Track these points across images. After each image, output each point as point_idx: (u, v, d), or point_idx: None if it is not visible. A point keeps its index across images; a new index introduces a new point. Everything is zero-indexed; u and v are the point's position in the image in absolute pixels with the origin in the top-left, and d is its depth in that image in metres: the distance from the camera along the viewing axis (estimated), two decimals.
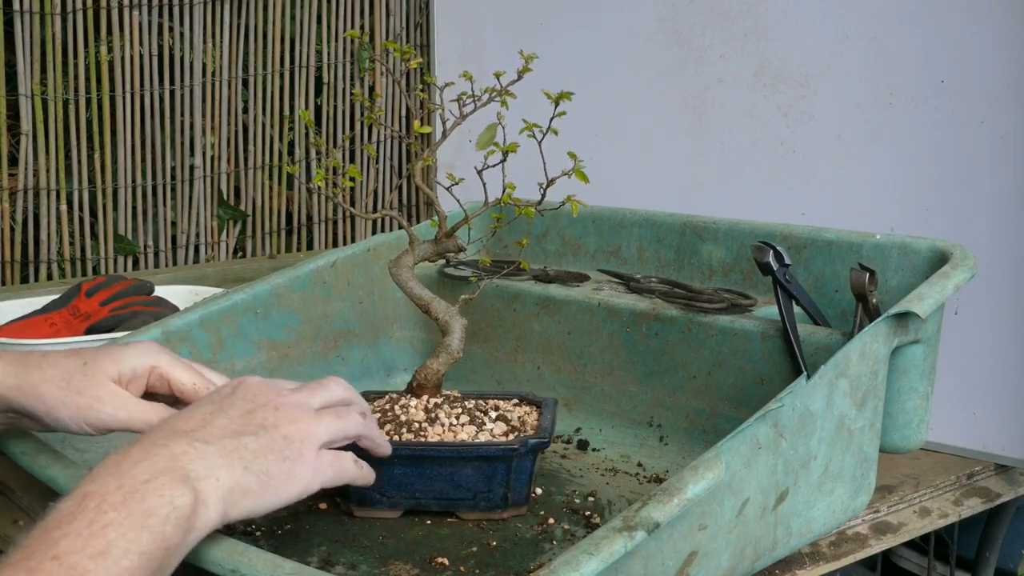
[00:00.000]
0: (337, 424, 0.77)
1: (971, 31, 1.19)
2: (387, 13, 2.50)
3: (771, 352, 0.99)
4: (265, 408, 0.75)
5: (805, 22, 1.35)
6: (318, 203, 2.49)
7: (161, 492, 0.65)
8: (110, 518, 0.62)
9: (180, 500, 0.65)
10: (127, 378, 0.84)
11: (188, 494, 0.66)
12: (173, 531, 0.64)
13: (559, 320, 1.17)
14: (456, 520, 0.88)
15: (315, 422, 0.76)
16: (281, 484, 0.72)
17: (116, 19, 2.19)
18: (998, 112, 1.17)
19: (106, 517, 0.62)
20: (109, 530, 0.61)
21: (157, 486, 0.65)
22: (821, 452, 0.85)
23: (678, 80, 1.47)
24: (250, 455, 0.71)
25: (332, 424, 0.77)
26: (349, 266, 1.24)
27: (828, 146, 1.33)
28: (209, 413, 0.73)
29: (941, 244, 1.00)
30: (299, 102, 2.42)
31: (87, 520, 0.62)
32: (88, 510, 0.62)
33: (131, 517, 0.63)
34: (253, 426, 0.73)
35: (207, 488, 0.68)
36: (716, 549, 0.77)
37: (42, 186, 2.15)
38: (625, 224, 1.24)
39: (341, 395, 0.80)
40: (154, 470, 0.66)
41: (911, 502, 1.10)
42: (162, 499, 0.65)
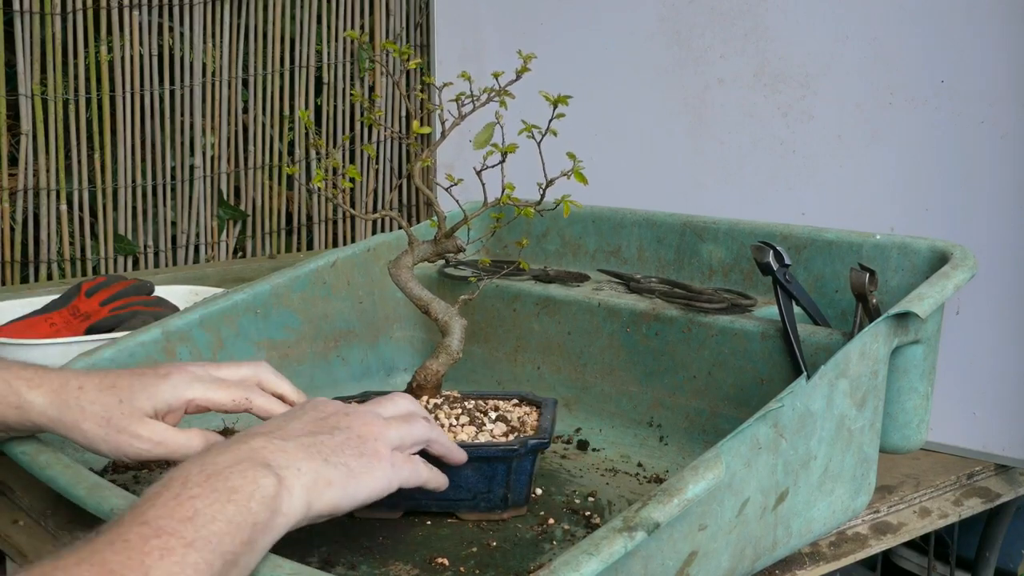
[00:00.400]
0: (406, 428, 0.79)
1: (971, 31, 1.19)
2: (387, 13, 2.50)
3: (771, 352, 0.99)
4: (336, 415, 0.77)
5: (805, 22, 1.35)
6: (318, 203, 2.49)
7: (244, 474, 0.66)
8: (195, 492, 0.64)
9: (264, 481, 0.67)
10: (163, 412, 0.86)
11: (272, 478, 0.67)
12: (259, 508, 0.65)
13: (559, 320, 1.17)
14: (456, 521, 0.88)
15: (385, 426, 0.78)
16: (362, 477, 0.73)
17: (116, 19, 2.19)
18: (998, 112, 1.17)
19: (191, 492, 0.64)
20: (196, 501, 0.63)
21: (241, 469, 0.67)
22: (821, 452, 0.85)
23: (678, 80, 1.47)
24: (328, 450, 0.73)
25: (401, 428, 0.79)
26: (349, 266, 1.24)
27: (828, 146, 1.33)
28: (283, 419, 0.76)
29: (941, 244, 1.00)
30: (299, 102, 2.42)
31: (173, 494, 0.64)
32: (173, 487, 0.64)
33: (216, 492, 0.64)
34: (327, 427, 0.75)
35: (290, 477, 0.69)
36: (716, 549, 0.77)
37: (42, 186, 2.15)
38: (625, 224, 1.24)
39: (407, 408, 0.83)
40: (237, 458, 0.68)
41: (911, 502, 1.10)
42: (245, 479, 0.66)
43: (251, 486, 0.66)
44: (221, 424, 1.11)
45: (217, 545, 0.62)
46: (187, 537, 0.61)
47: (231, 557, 0.62)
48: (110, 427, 0.85)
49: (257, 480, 0.66)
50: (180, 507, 0.62)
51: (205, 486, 0.64)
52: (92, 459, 1.03)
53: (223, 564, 0.62)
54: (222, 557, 0.62)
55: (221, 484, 0.65)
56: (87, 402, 0.86)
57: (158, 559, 0.59)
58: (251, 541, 0.64)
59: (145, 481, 0.98)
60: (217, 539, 0.62)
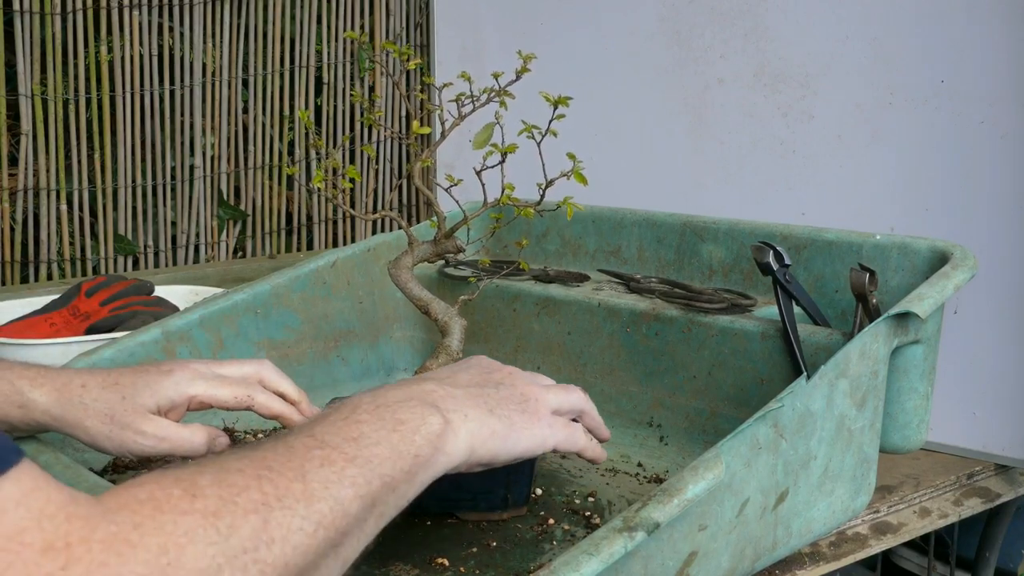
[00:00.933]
0: (563, 394, 0.81)
1: (971, 31, 1.19)
2: (387, 13, 2.50)
3: (771, 352, 0.99)
4: (500, 372, 0.80)
5: (805, 22, 1.35)
6: (318, 203, 2.49)
7: (413, 410, 0.69)
8: (363, 418, 0.66)
9: (431, 419, 0.69)
10: (166, 408, 0.87)
11: (439, 417, 0.69)
12: (423, 442, 0.67)
13: (559, 320, 1.17)
14: (456, 521, 0.88)
15: (544, 390, 0.80)
16: (522, 432, 0.75)
17: (116, 19, 2.19)
18: (998, 112, 1.17)
19: (359, 416, 0.66)
20: (363, 425, 0.65)
21: (410, 406, 0.69)
22: (821, 452, 0.85)
23: (678, 80, 1.47)
24: (493, 402, 0.75)
25: (559, 394, 0.81)
26: (349, 266, 1.24)
27: (828, 146, 1.33)
28: (452, 371, 0.79)
29: (941, 244, 1.00)
30: (299, 102, 2.42)
31: (341, 417, 0.66)
32: (343, 411, 0.67)
33: (383, 420, 0.66)
34: (493, 381, 0.78)
35: (456, 420, 0.71)
36: (716, 549, 0.77)
37: (42, 186, 2.15)
38: (625, 224, 1.24)
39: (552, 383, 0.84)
40: (407, 395, 0.70)
41: (911, 502, 1.10)
42: (413, 414, 0.68)
43: (418, 420, 0.68)
44: (221, 423, 1.11)
45: (377, 466, 0.63)
46: (349, 453, 0.62)
47: (389, 481, 0.64)
48: (113, 424, 0.85)
49: (425, 417, 0.68)
50: (347, 427, 0.65)
51: (373, 414, 0.67)
52: (93, 459, 1.03)
53: (381, 485, 0.63)
54: (381, 479, 0.63)
55: (389, 415, 0.67)
56: (90, 399, 0.86)
57: (317, 466, 0.60)
58: (411, 472, 0.66)
59: None
60: (378, 461, 0.64)
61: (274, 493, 0.57)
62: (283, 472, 0.59)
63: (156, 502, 0.52)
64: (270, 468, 0.58)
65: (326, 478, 0.60)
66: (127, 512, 0.51)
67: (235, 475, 0.57)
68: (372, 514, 0.63)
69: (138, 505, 0.52)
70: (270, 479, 0.58)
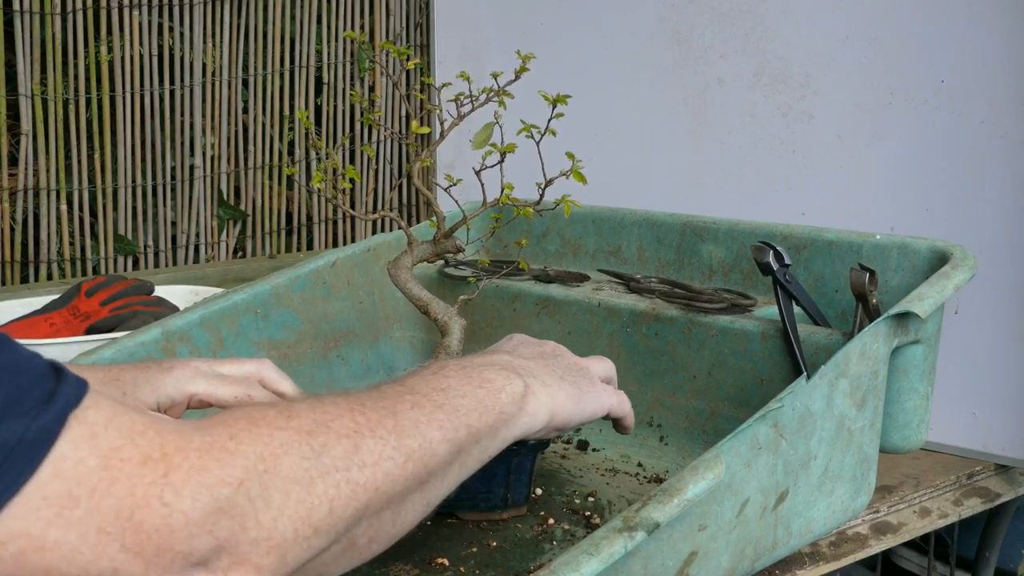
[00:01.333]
0: (601, 365, 0.84)
1: (971, 31, 1.19)
2: (387, 13, 2.50)
3: (771, 352, 0.99)
4: (547, 345, 0.83)
5: (805, 22, 1.35)
6: (318, 203, 2.49)
7: (497, 372, 0.72)
8: (452, 374, 0.69)
9: (515, 381, 0.72)
10: (166, 405, 0.87)
11: (521, 381, 0.73)
12: (508, 400, 0.70)
13: (559, 320, 1.17)
14: (456, 521, 0.88)
15: (587, 360, 0.83)
16: (588, 397, 0.79)
17: (116, 19, 2.19)
18: (998, 112, 1.17)
19: (447, 372, 0.70)
20: (451, 379, 0.69)
21: (494, 370, 0.72)
22: (821, 452, 0.85)
23: (678, 80, 1.47)
24: (560, 370, 0.78)
25: (598, 364, 0.84)
26: (349, 266, 1.24)
27: (828, 146, 1.33)
28: (509, 346, 0.82)
29: (941, 244, 1.00)
30: (299, 102, 2.42)
31: (431, 372, 0.69)
32: (432, 368, 0.70)
33: (469, 379, 0.70)
34: (549, 354, 0.81)
35: (536, 385, 0.74)
36: (716, 549, 0.77)
37: (42, 186, 2.15)
38: (625, 224, 1.24)
39: None
40: (489, 362, 0.74)
41: (911, 502, 1.10)
42: (498, 375, 0.72)
43: (503, 380, 0.71)
44: None
45: (464, 416, 0.66)
46: (438, 400, 0.65)
47: (474, 432, 0.67)
48: None
49: (509, 379, 0.72)
50: (435, 379, 0.68)
51: (460, 372, 0.70)
52: None
53: (467, 434, 0.66)
54: (467, 428, 0.66)
55: (476, 375, 0.70)
56: None
57: (408, 408, 0.63)
58: (495, 427, 0.69)
59: None
60: (465, 411, 0.66)
61: (366, 424, 0.59)
62: (375, 409, 0.61)
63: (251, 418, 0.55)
64: (363, 404, 0.61)
65: (416, 418, 0.63)
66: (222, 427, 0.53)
67: (329, 405, 0.59)
68: (457, 460, 0.65)
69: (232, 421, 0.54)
70: (363, 412, 0.60)
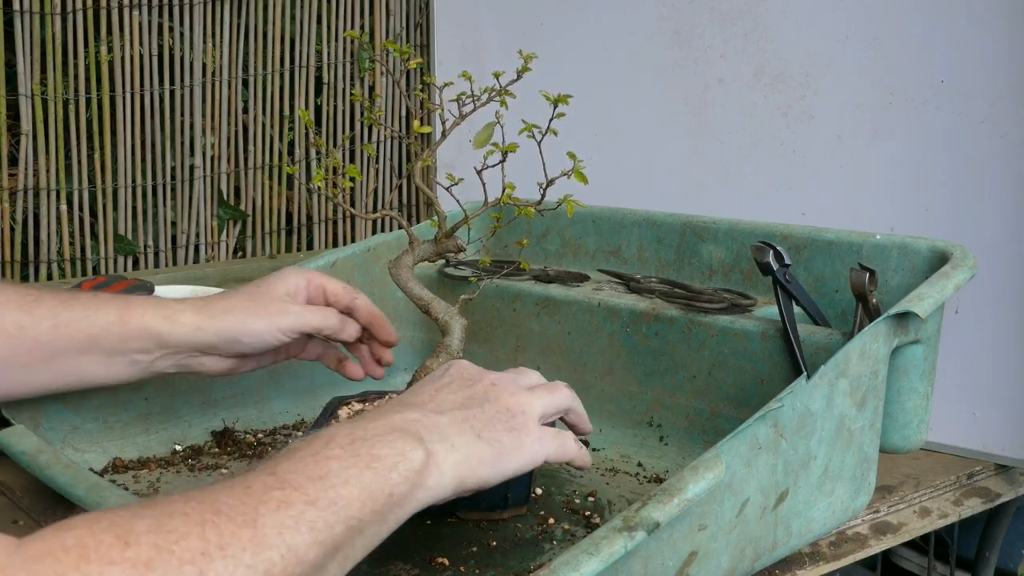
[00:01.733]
0: (549, 397, 0.79)
1: (971, 31, 1.19)
2: (387, 13, 2.50)
3: (771, 352, 0.99)
4: (483, 383, 0.77)
5: (805, 22, 1.35)
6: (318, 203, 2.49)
7: (392, 444, 0.65)
8: (336, 454, 0.62)
9: (412, 454, 0.66)
10: (292, 293, 0.99)
11: (421, 451, 0.66)
12: (399, 480, 0.64)
13: (559, 320, 1.17)
14: (456, 520, 0.88)
15: (531, 396, 0.77)
16: (512, 452, 0.73)
17: (116, 19, 2.19)
18: (998, 112, 1.17)
19: (331, 452, 0.62)
20: (332, 462, 0.62)
21: (390, 439, 0.66)
22: (821, 452, 0.85)
23: (678, 80, 1.47)
24: (480, 424, 0.72)
25: (545, 397, 0.78)
26: (349, 266, 1.24)
27: (828, 146, 1.33)
28: (434, 390, 0.76)
29: (941, 244, 1.00)
30: (299, 102, 2.42)
31: (311, 452, 0.62)
32: (314, 445, 0.63)
33: (357, 457, 0.63)
34: (477, 399, 0.75)
35: (441, 451, 0.68)
36: (716, 549, 0.77)
37: (42, 186, 2.15)
38: (625, 224, 1.24)
39: (539, 379, 0.83)
40: (388, 427, 0.67)
41: (911, 502, 1.10)
42: (392, 449, 0.65)
43: (396, 457, 0.65)
44: (221, 423, 1.11)
45: (344, 509, 0.60)
46: (311, 495, 0.59)
47: (356, 524, 0.60)
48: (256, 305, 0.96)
49: (404, 452, 0.65)
50: (315, 465, 0.61)
51: (348, 449, 0.63)
52: (93, 459, 1.03)
53: (346, 529, 0.60)
54: (346, 522, 0.60)
55: (365, 450, 0.64)
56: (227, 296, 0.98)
57: (273, 509, 0.57)
58: (383, 512, 0.63)
59: (145, 481, 0.98)
60: (344, 503, 0.60)
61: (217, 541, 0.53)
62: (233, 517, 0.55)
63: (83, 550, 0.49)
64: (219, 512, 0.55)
65: (280, 523, 0.56)
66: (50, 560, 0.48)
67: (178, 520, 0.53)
68: (335, 559, 0.59)
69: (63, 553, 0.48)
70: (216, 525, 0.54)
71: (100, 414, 1.06)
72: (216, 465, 1.02)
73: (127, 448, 1.05)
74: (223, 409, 1.13)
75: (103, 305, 0.93)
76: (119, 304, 0.93)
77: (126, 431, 1.07)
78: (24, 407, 1.01)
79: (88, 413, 1.05)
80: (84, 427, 1.04)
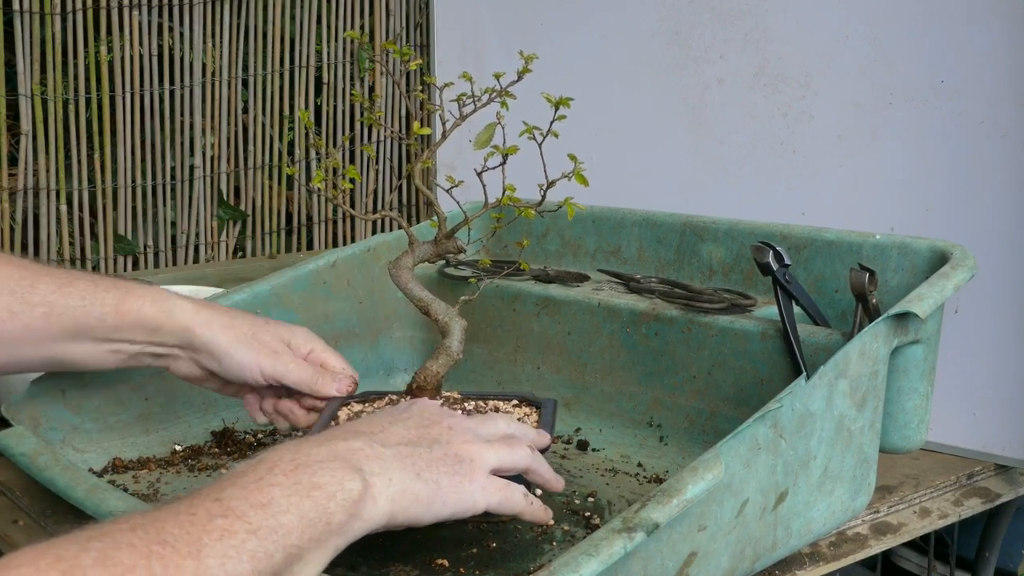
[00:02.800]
0: (506, 452, 0.78)
1: (971, 31, 1.19)
2: (387, 13, 2.50)
3: (771, 352, 0.99)
4: (440, 425, 0.78)
5: (805, 22, 1.35)
6: (318, 203, 2.49)
7: (333, 473, 0.67)
8: (278, 480, 0.64)
9: (350, 484, 0.67)
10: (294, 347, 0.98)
11: (359, 482, 0.67)
12: (337, 509, 0.65)
13: (559, 320, 1.17)
14: (456, 521, 0.88)
15: (486, 447, 0.77)
16: (449, 496, 0.73)
17: (116, 19, 2.19)
18: (998, 112, 1.17)
19: (274, 478, 0.64)
20: (275, 489, 0.63)
21: (330, 468, 0.67)
22: (821, 452, 0.85)
23: (678, 80, 1.47)
24: (423, 464, 0.73)
25: (501, 451, 0.78)
26: (349, 266, 1.24)
27: (828, 146, 1.33)
28: (388, 422, 0.77)
29: (941, 244, 1.00)
30: (299, 102, 2.42)
31: (255, 477, 0.64)
32: (259, 470, 0.65)
33: (298, 485, 0.64)
34: (428, 439, 0.75)
35: (378, 484, 0.69)
36: (716, 550, 0.77)
37: (42, 186, 2.15)
38: (625, 224, 1.24)
39: (505, 430, 0.82)
40: (330, 455, 0.68)
41: (911, 502, 1.10)
42: (332, 478, 0.66)
43: (335, 486, 0.66)
44: (221, 422, 1.11)
45: (283, 537, 0.61)
46: (253, 523, 0.61)
47: (295, 551, 0.62)
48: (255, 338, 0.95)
49: (343, 482, 0.67)
50: (258, 492, 0.63)
51: (290, 476, 0.65)
52: (93, 459, 1.03)
53: (285, 557, 0.61)
54: (285, 550, 0.61)
55: (306, 478, 0.65)
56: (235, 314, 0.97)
57: (216, 539, 0.58)
58: (321, 539, 0.64)
59: (145, 481, 0.98)
60: (284, 531, 0.62)
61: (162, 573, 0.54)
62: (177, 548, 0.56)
63: None
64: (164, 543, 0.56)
65: (223, 553, 0.58)
66: None
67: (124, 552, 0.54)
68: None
69: None
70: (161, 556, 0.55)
71: (100, 414, 1.06)
72: (216, 465, 1.02)
73: (127, 448, 1.05)
74: (223, 409, 1.13)
75: (102, 294, 0.92)
76: (118, 293, 0.93)
77: (126, 431, 1.07)
78: (24, 407, 1.01)
79: (88, 413, 1.05)
80: (84, 427, 1.04)
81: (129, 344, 0.94)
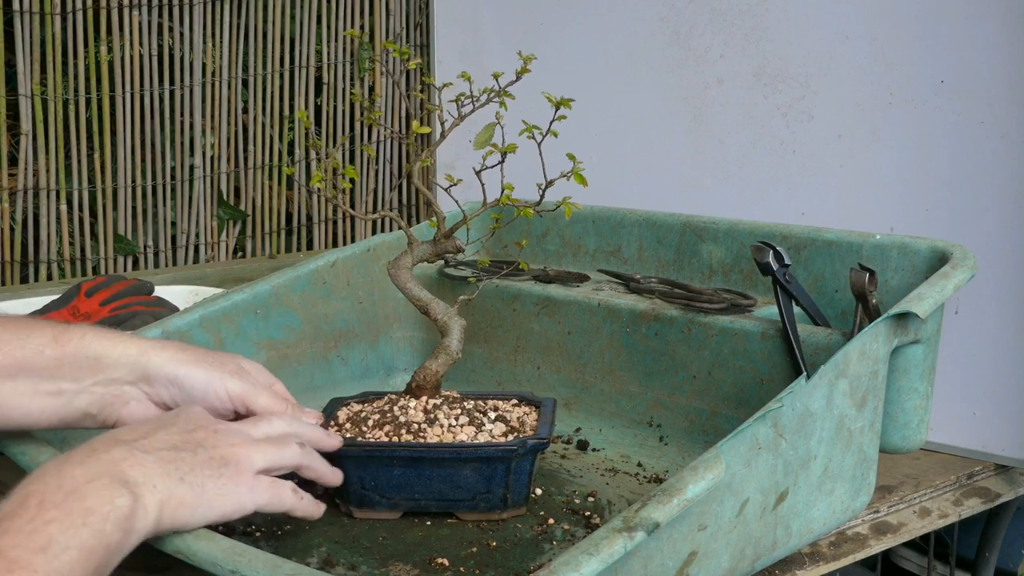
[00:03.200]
0: (273, 451, 0.79)
1: (971, 31, 1.19)
2: (387, 13, 2.50)
3: (771, 352, 0.99)
4: (205, 429, 0.78)
5: (805, 22, 1.35)
6: (318, 203, 2.49)
7: (101, 492, 0.67)
8: (52, 515, 0.64)
9: (120, 501, 0.67)
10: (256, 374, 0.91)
11: (127, 496, 0.68)
12: (113, 530, 0.66)
13: (559, 320, 1.17)
14: (456, 521, 0.88)
15: (252, 448, 0.78)
16: (215, 499, 0.74)
17: (116, 19, 2.19)
18: (998, 112, 1.17)
19: (48, 514, 0.64)
20: (51, 527, 0.63)
21: (98, 487, 0.67)
22: (821, 452, 0.85)
23: (678, 80, 1.47)
24: (187, 468, 0.73)
25: (268, 451, 0.79)
26: (349, 266, 1.24)
27: (828, 146, 1.33)
28: (151, 428, 0.76)
29: (941, 244, 1.00)
30: (299, 102, 2.42)
31: (29, 517, 0.64)
32: (30, 508, 0.64)
33: (72, 515, 0.64)
34: (192, 443, 0.75)
35: (145, 493, 0.69)
36: (716, 549, 0.77)
37: (42, 186, 2.15)
38: (625, 224, 1.24)
39: (282, 429, 0.82)
40: (95, 472, 0.68)
41: (911, 502, 1.10)
42: (102, 499, 0.66)
43: (106, 507, 0.66)
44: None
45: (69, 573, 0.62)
46: (40, 570, 0.61)
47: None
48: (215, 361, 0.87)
49: (112, 500, 0.67)
50: (35, 534, 0.63)
51: (62, 507, 0.65)
52: None
53: None
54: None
55: (77, 505, 0.65)
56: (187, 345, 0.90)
57: None
58: (104, 564, 0.65)
59: None
60: (69, 568, 0.62)
61: None
62: None
63: None
64: None
65: None
66: None
67: None
68: None
69: None
70: None
71: None
72: None
73: None
74: None
75: (39, 327, 0.85)
76: (57, 328, 0.85)
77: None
78: None
79: None
80: None
81: (72, 383, 0.84)
